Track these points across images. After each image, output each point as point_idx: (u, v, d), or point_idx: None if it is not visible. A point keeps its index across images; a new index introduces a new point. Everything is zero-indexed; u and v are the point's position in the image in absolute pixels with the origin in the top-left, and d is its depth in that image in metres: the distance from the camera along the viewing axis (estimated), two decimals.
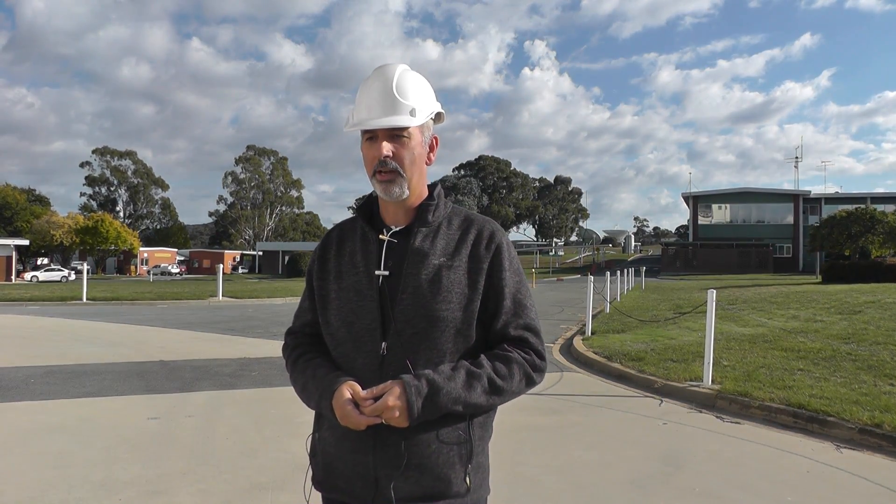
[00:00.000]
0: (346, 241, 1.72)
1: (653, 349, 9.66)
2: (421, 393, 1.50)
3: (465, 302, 1.60)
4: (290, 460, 4.80)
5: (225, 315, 17.59)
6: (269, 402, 6.82)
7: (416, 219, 1.66)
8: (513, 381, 1.60)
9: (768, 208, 67.01)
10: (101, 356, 9.83)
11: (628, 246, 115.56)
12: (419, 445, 1.56)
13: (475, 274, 1.62)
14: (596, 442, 5.48)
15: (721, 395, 6.77)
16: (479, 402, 1.56)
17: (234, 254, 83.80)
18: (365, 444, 1.57)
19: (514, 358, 1.62)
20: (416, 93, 1.61)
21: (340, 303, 1.64)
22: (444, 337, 1.58)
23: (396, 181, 1.60)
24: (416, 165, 1.63)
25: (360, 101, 1.63)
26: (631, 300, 22.13)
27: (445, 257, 1.62)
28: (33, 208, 75.97)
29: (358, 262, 1.66)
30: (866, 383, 6.95)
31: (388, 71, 1.62)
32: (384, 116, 1.57)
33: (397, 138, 1.59)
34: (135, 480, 4.39)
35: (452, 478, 1.58)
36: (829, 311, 15.12)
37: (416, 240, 1.63)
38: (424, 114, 1.61)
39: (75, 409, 6.46)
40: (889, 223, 36.89)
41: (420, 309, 1.57)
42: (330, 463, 1.65)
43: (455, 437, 1.59)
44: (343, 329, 1.63)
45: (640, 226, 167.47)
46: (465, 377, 1.55)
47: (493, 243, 1.66)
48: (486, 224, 1.69)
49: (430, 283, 1.58)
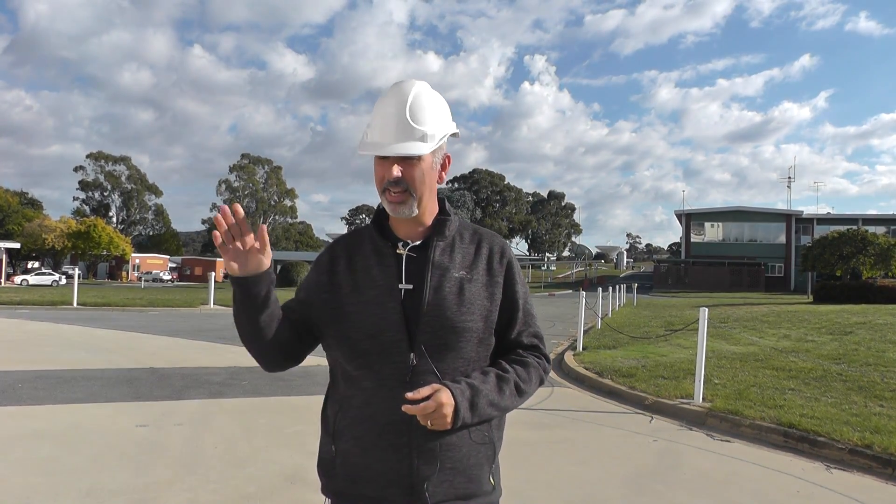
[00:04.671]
0: (356, 255, 1.72)
1: (644, 366, 9.66)
2: (465, 396, 1.58)
3: (485, 313, 1.68)
4: (279, 471, 4.77)
5: (216, 323, 17.51)
6: (259, 412, 6.78)
7: (434, 233, 1.71)
8: (532, 384, 1.73)
9: (761, 227, 67.37)
10: (91, 362, 9.76)
11: (621, 262, 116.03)
12: (453, 448, 1.62)
13: (492, 286, 1.71)
14: (585, 458, 5.47)
15: (712, 413, 6.77)
16: (508, 404, 1.67)
17: None
18: (400, 451, 1.61)
19: (531, 363, 1.74)
20: (430, 116, 1.63)
21: (361, 316, 1.64)
22: (468, 346, 1.66)
23: (406, 201, 1.63)
24: (427, 185, 1.66)
25: (374, 122, 1.65)
26: (622, 316, 22.15)
27: (464, 270, 1.69)
28: (25, 211, 75.64)
29: (375, 275, 1.67)
30: (857, 404, 6.97)
31: (403, 91, 1.64)
32: (396, 143, 1.60)
33: (408, 160, 1.62)
34: (122, 489, 4.35)
35: (481, 477, 1.67)
36: (821, 331, 15.18)
37: (436, 253, 1.68)
38: (437, 138, 1.63)
39: (63, 416, 6.40)
40: (880, 245, 37.18)
41: (446, 321, 1.63)
42: (355, 473, 1.66)
43: (482, 437, 1.67)
44: (367, 341, 1.63)
45: (632, 242, 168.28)
46: (495, 382, 1.65)
47: (505, 258, 1.75)
48: (495, 239, 1.78)
49: (454, 296, 1.65)
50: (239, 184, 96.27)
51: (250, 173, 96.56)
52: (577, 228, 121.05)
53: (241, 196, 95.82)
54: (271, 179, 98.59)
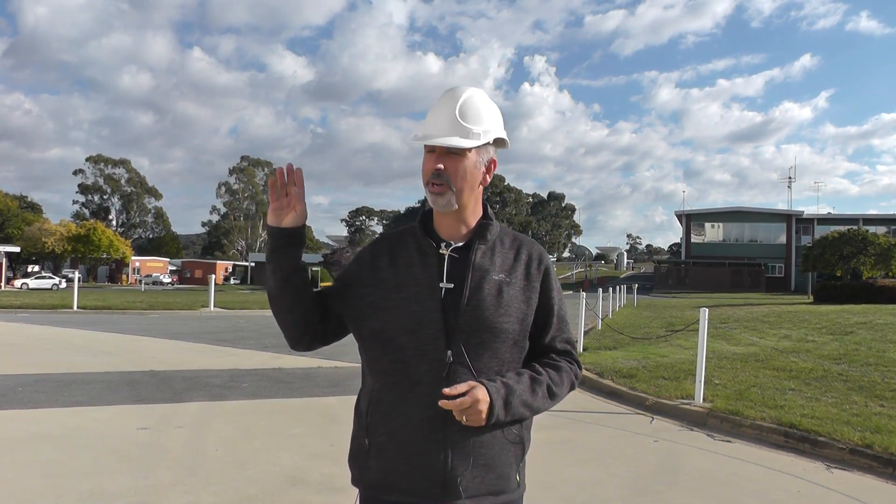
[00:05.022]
0: (400, 253, 1.78)
1: (644, 366, 9.67)
2: (500, 394, 1.63)
3: (521, 316, 1.74)
4: (280, 473, 4.77)
5: (216, 326, 17.52)
6: (260, 414, 6.78)
7: (476, 236, 1.77)
8: (563, 388, 1.79)
9: (761, 228, 67.37)
10: (91, 365, 9.76)
11: (621, 263, 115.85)
12: (486, 445, 1.68)
13: (529, 291, 1.77)
14: (586, 458, 5.47)
15: (712, 413, 6.77)
16: (540, 406, 1.73)
17: (226, 264, 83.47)
18: (436, 446, 1.65)
19: (564, 367, 1.81)
20: (478, 117, 1.72)
21: (399, 311, 1.70)
22: (504, 347, 1.71)
23: (445, 193, 1.71)
24: (468, 182, 1.73)
25: (427, 119, 1.76)
26: (623, 317, 22.14)
27: (504, 273, 1.75)
28: (25, 215, 75.70)
29: (417, 273, 1.73)
30: (857, 404, 6.97)
31: (457, 92, 1.75)
32: (442, 136, 1.70)
33: (452, 155, 1.71)
34: (123, 491, 4.35)
35: (511, 474, 1.74)
36: (821, 331, 15.18)
37: (477, 256, 1.74)
38: (482, 138, 1.72)
39: (64, 419, 6.40)
40: (880, 245, 37.17)
41: (484, 321, 1.68)
42: (389, 467, 1.70)
43: (513, 437, 1.74)
44: (404, 336, 1.68)
45: (632, 243, 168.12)
46: (529, 383, 1.71)
47: (543, 265, 1.82)
48: (535, 246, 1.85)
49: (493, 297, 1.70)
50: (239, 186, 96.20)
51: (250, 176, 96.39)
52: (577, 229, 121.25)
53: (241, 198, 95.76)
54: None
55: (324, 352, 10.10)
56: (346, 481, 1.78)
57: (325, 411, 7.03)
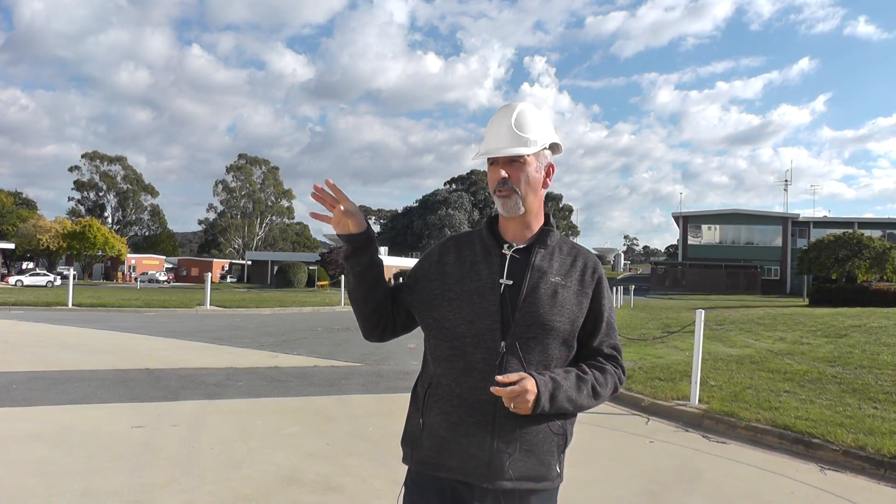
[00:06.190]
0: (465, 252, 1.95)
1: (640, 367, 9.68)
2: (548, 387, 1.75)
3: (572, 317, 1.87)
4: (275, 472, 4.77)
5: (212, 324, 17.48)
6: (255, 413, 6.78)
7: (537, 240, 1.93)
8: (607, 389, 1.91)
9: (757, 230, 67.49)
10: (86, 363, 9.74)
11: (617, 264, 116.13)
12: (531, 433, 1.81)
13: (581, 296, 1.90)
14: (581, 459, 5.47)
15: (708, 414, 6.79)
16: (584, 403, 1.85)
17: (222, 263, 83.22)
18: (484, 429, 1.79)
19: (609, 370, 1.93)
20: (531, 127, 1.89)
21: (461, 303, 1.85)
22: (553, 344, 1.84)
23: (511, 197, 1.87)
24: (531, 186, 1.90)
25: (486, 135, 1.93)
26: (619, 318, 22.16)
27: (560, 277, 1.89)
28: (20, 212, 75.40)
29: (480, 270, 1.89)
30: (851, 406, 7.00)
31: (511, 108, 1.92)
32: (502, 147, 1.87)
33: (514, 163, 1.88)
34: (117, 490, 4.34)
35: (552, 463, 1.87)
36: (816, 333, 15.23)
37: (537, 258, 1.89)
38: (538, 144, 1.89)
39: (58, 417, 6.39)
40: (876, 248, 37.24)
41: (538, 317, 1.82)
42: (440, 445, 1.84)
43: (558, 428, 1.87)
44: (463, 325, 1.84)
45: (629, 244, 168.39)
46: (575, 380, 1.83)
47: (596, 274, 1.96)
48: (590, 256, 1.99)
49: (548, 297, 1.84)
50: (236, 184, 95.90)
51: (247, 174, 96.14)
52: (574, 230, 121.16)
53: (239, 196, 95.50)
54: (268, 180, 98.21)
55: (320, 351, 10.07)
56: (341, 480, 1.79)
57: (321, 411, 7.02)
